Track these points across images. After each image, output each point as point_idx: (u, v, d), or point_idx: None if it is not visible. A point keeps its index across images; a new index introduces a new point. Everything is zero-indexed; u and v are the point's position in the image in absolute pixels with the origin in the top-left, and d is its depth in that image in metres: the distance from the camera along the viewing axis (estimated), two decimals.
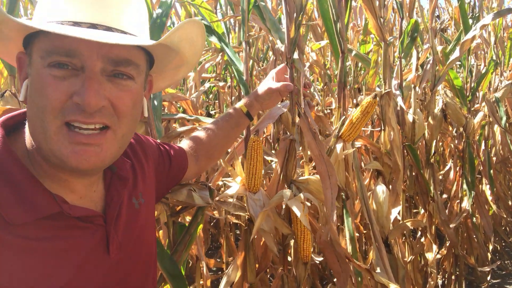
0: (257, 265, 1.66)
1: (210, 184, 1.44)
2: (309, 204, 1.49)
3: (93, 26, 0.77)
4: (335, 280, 1.58)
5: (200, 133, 1.36)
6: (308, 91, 1.51)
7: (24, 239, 0.75)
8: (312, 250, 1.55)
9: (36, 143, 0.78)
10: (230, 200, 1.47)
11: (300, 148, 1.70)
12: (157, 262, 1.31)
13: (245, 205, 1.52)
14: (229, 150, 1.68)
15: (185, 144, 1.33)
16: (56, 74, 0.74)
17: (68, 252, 0.80)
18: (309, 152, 1.61)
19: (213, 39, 1.76)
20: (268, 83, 1.39)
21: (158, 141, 1.26)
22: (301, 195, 1.40)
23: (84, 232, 0.83)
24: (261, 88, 1.39)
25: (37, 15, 0.80)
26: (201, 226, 1.43)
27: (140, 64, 0.83)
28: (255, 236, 1.60)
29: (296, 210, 1.36)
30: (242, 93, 3.29)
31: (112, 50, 0.76)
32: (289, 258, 1.67)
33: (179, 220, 1.51)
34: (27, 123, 0.82)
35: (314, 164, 2.04)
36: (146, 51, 0.86)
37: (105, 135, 0.78)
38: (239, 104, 1.39)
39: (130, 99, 0.80)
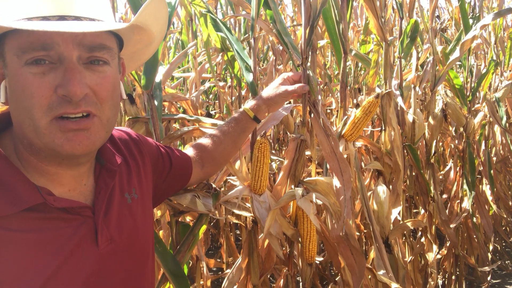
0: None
1: (215, 186, 1.44)
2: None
3: (62, 18, 0.78)
4: (336, 279, 1.58)
5: (206, 140, 1.35)
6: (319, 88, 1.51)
7: (7, 231, 0.76)
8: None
9: (27, 140, 0.80)
10: (235, 200, 1.47)
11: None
12: (160, 261, 1.31)
13: (249, 205, 1.51)
14: None
15: (190, 150, 1.33)
16: (36, 71, 0.75)
17: (53, 244, 0.80)
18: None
19: (223, 34, 1.75)
20: (282, 86, 1.37)
21: (161, 143, 1.26)
22: (313, 194, 1.39)
23: (69, 223, 0.83)
24: (274, 91, 1.36)
25: (2, 14, 0.79)
26: (204, 227, 1.43)
27: (113, 47, 0.85)
28: (261, 237, 1.60)
29: (306, 209, 1.36)
30: (243, 93, 3.27)
31: (86, 37, 0.78)
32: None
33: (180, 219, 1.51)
34: (13, 123, 0.83)
35: (317, 163, 2.04)
36: (116, 34, 0.88)
37: (92, 120, 0.80)
38: (244, 108, 1.37)
39: (110, 84, 0.83)
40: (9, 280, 0.75)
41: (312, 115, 1.47)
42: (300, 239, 1.52)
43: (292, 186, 1.51)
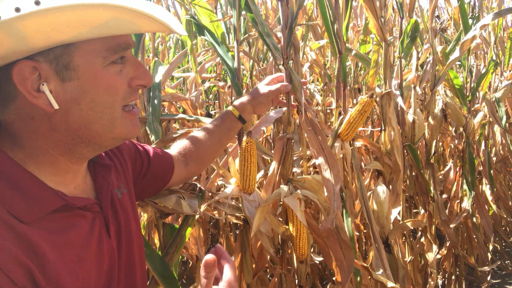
0: (253, 265, 1.66)
1: (200, 186, 1.44)
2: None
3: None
4: (334, 279, 1.58)
5: (191, 138, 1.36)
6: (304, 87, 1.52)
7: (45, 231, 0.76)
8: (310, 249, 1.55)
9: (90, 139, 0.84)
10: (226, 200, 1.48)
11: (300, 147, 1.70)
12: (148, 264, 1.31)
13: (241, 205, 1.52)
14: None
15: (174, 149, 1.33)
16: (117, 69, 0.82)
17: (79, 240, 0.82)
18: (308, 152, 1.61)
19: (206, 37, 1.77)
20: (267, 86, 1.41)
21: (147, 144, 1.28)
22: (299, 191, 1.41)
23: (86, 220, 0.86)
24: (258, 91, 1.39)
25: None
26: (190, 229, 1.42)
27: None
28: (251, 236, 1.60)
29: (293, 206, 1.37)
30: (243, 93, 3.28)
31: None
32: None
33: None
34: (73, 125, 0.81)
35: (313, 162, 2.04)
36: None
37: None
38: (230, 108, 1.39)
39: None
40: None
41: (299, 113, 1.48)
42: (290, 236, 1.52)
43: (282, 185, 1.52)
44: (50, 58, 0.75)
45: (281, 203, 1.59)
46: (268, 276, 2.73)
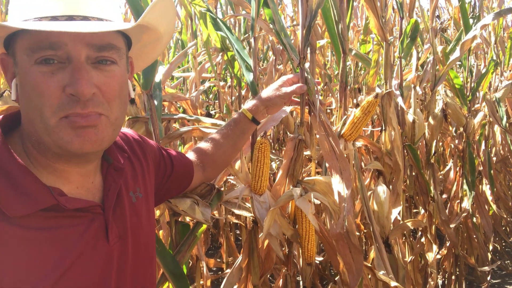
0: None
1: (218, 187, 1.44)
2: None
3: (70, 18, 0.79)
4: (336, 279, 1.58)
5: (206, 143, 1.36)
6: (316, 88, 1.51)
7: (25, 229, 0.77)
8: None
9: (36, 137, 0.81)
10: (235, 200, 1.47)
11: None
12: (159, 261, 1.31)
13: (249, 205, 1.51)
14: None
15: (191, 154, 1.34)
16: (45, 70, 0.76)
17: (68, 240, 0.82)
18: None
19: (223, 32, 1.75)
20: (282, 88, 1.38)
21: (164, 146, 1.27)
22: (311, 194, 1.39)
23: (81, 220, 0.85)
24: (273, 92, 1.37)
25: (13, 14, 0.81)
26: (204, 226, 1.43)
27: (121, 47, 0.86)
28: (263, 239, 1.59)
29: (304, 209, 1.36)
30: (243, 93, 3.26)
31: (94, 37, 0.79)
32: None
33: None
34: (22, 120, 0.84)
35: (317, 162, 2.03)
36: (124, 34, 0.89)
37: (99, 118, 0.81)
38: (242, 110, 1.37)
39: (117, 83, 0.84)
40: (27, 275, 0.77)
41: (311, 114, 1.47)
42: (299, 239, 1.51)
43: (291, 186, 1.51)
44: (9, 52, 0.81)
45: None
46: (268, 276, 2.73)
